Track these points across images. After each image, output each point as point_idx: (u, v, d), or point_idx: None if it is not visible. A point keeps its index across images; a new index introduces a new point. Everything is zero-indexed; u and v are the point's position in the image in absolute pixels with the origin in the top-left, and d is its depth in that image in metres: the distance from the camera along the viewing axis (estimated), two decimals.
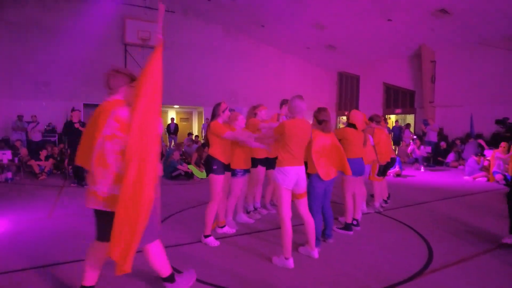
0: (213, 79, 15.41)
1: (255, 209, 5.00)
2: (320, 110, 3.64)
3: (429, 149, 11.22)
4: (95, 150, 2.18)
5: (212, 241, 3.73)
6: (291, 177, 3.19)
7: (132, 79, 2.37)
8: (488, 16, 10.51)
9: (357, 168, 4.22)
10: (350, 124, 4.34)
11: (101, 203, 2.19)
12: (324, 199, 3.72)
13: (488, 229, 4.60)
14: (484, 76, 12.23)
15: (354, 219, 4.40)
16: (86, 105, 13.29)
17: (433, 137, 11.41)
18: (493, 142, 11.07)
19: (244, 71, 16.23)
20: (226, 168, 3.86)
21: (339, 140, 3.94)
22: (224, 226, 4.19)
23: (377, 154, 5.15)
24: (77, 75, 12.88)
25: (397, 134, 13.41)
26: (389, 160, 5.34)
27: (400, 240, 4.14)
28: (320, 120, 3.61)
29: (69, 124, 6.85)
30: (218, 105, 3.85)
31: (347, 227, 4.22)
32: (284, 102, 4.97)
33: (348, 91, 18.74)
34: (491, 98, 12.03)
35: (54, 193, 6.46)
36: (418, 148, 10.88)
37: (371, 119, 5.32)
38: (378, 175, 5.24)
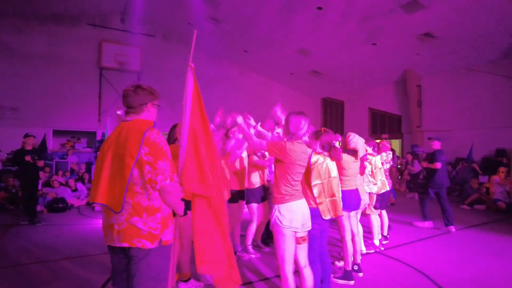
0: None
1: (234, 253, 4.16)
2: (325, 132, 2.96)
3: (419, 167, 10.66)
4: (129, 180, 1.83)
5: None
6: (299, 214, 2.49)
7: (156, 96, 2.08)
8: (473, 41, 10.41)
9: (354, 201, 3.52)
10: (346, 150, 3.66)
11: (116, 237, 1.86)
12: (321, 242, 2.98)
13: (506, 271, 3.91)
14: (471, 101, 12.03)
15: (354, 263, 3.64)
16: (56, 132, 12.35)
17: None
18: (484, 167, 10.72)
19: (228, 98, 15.66)
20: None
21: None
22: (189, 279, 3.31)
23: (372, 183, 4.51)
24: (48, 100, 12.02)
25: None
26: (388, 189, 4.70)
27: None
28: (326, 144, 2.96)
29: (19, 153, 5.90)
30: (174, 127, 3.17)
31: (347, 275, 3.43)
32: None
33: (333, 118, 18.43)
34: (479, 123, 11.78)
35: None
36: (412, 164, 10.26)
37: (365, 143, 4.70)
38: (376, 207, 4.55)
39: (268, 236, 4.72)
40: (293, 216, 2.46)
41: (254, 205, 4.18)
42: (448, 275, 3.76)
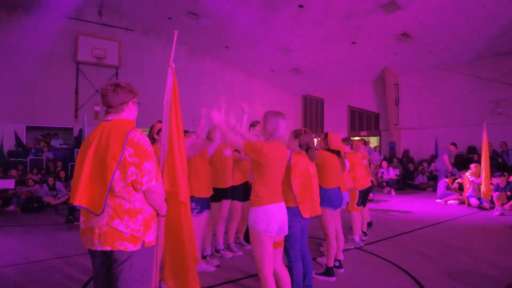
0: None
1: (217, 251, 4.17)
2: (304, 133, 2.96)
3: (397, 171, 11.06)
4: (111, 182, 1.79)
5: None
6: (276, 218, 2.43)
7: (135, 94, 2.05)
8: (446, 42, 10.78)
9: (337, 199, 3.60)
10: (329, 150, 3.73)
11: (97, 240, 1.81)
12: (302, 240, 3.02)
13: (477, 263, 4.10)
14: (445, 100, 12.47)
15: (336, 259, 3.72)
16: (29, 128, 11.89)
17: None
18: (457, 164, 11.14)
19: (208, 94, 15.53)
20: None
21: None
22: None
23: (353, 180, 4.61)
24: (21, 95, 11.53)
25: None
26: (370, 185, 4.83)
27: (394, 286, 3.49)
28: (304, 144, 2.96)
29: None
30: (152, 127, 3.16)
31: (329, 272, 3.51)
32: (253, 124, 4.34)
33: (313, 115, 18.67)
34: (453, 121, 12.24)
35: None
36: (387, 171, 10.66)
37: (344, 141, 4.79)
38: (358, 204, 4.66)
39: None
40: (270, 219, 2.40)
41: (236, 203, 4.18)
42: (425, 269, 3.91)
